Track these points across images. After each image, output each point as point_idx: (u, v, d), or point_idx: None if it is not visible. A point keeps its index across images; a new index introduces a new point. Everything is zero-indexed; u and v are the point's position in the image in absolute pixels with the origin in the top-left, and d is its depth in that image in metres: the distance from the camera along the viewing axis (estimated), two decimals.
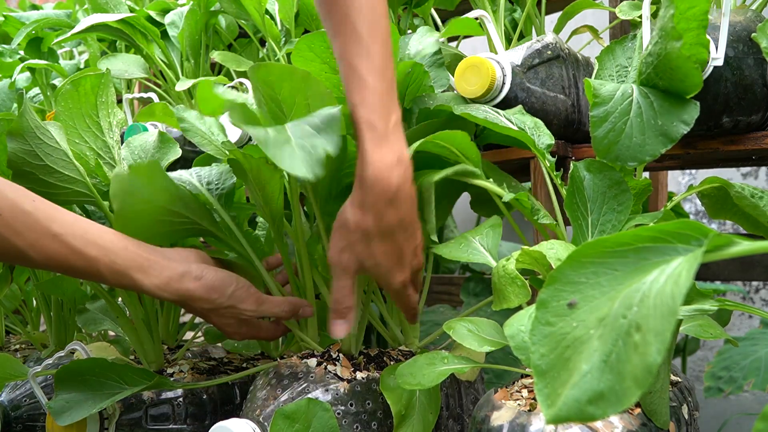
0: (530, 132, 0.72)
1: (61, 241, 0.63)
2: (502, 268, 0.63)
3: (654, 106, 0.63)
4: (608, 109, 0.64)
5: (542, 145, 0.72)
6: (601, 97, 0.64)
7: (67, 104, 0.78)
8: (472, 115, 0.73)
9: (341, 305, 0.69)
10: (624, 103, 0.64)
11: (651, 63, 0.64)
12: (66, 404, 0.70)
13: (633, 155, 0.62)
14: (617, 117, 0.63)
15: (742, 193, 0.68)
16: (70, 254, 0.63)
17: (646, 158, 0.62)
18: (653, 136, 0.62)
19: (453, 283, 1.51)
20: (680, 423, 0.60)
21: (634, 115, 0.63)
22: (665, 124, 0.62)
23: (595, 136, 0.63)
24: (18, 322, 1.13)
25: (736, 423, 1.55)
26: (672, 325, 0.27)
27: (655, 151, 0.62)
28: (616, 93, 0.64)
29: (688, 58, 0.59)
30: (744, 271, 1.33)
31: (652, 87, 0.65)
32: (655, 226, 0.31)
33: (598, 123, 0.63)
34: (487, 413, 0.59)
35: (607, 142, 0.63)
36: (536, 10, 0.98)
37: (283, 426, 0.65)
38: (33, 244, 0.62)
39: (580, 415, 0.29)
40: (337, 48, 0.65)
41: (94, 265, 0.64)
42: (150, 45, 1.12)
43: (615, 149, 0.63)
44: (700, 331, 0.65)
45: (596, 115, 0.64)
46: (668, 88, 0.64)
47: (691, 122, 0.62)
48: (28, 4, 1.64)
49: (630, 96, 0.64)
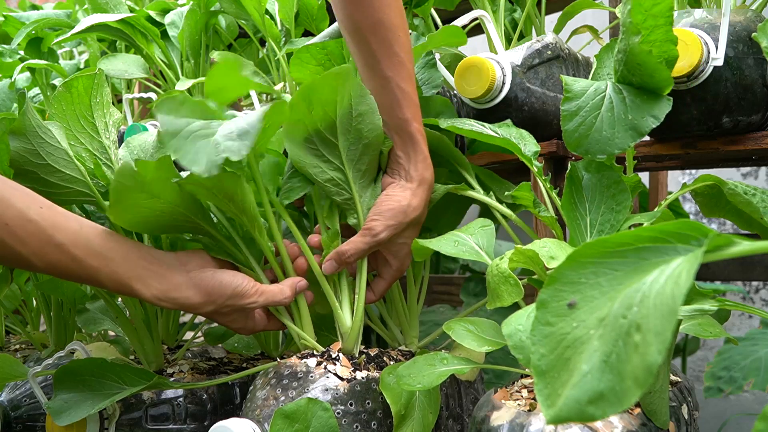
0: (516, 141, 0.75)
1: (64, 251, 0.64)
2: (495, 267, 0.63)
3: (626, 101, 0.65)
4: (579, 103, 0.65)
5: (529, 152, 0.74)
6: (572, 93, 0.66)
7: (61, 106, 0.78)
8: (458, 127, 0.77)
9: (350, 259, 0.76)
10: (596, 98, 0.65)
11: (621, 60, 0.65)
12: (65, 404, 0.70)
13: (602, 148, 0.64)
14: (588, 111, 0.65)
15: (735, 191, 0.68)
16: (72, 263, 0.65)
17: (614, 151, 0.64)
18: (623, 129, 0.64)
19: (453, 283, 1.51)
20: (680, 423, 0.60)
21: (605, 110, 0.65)
22: (635, 119, 0.64)
23: (566, 129, 0.65)
24: (18, 322, 1.13)
25: (736, 423, 1.55)
26: (672, 325, 0.27)
27: (623, 144, 0.63)
28: (589, 89, 0.66)
29: (650, 53, 0.60)
30: (744, 271, 1.33)
31: (627, 84, 0.66)
32: (655, 226, 0.31)
33: (569, 117, 0.65)
34: (486, 413, 0.59)
35: (577, 135, 0.65)
36: (536, 10, 0.98)
37: (283, 426, 0.65)
38: (36, 252, 0.64)
39: (580, 416, 0.29)
40: (379, 71, 0.74)
41: (95, 275, 0.66)
42: (150, 45, 1.12)
43: (585, 142, 0.64)
44: (700, 331, 0.65)
45: (567, 110, 0.65)
46: (642, 85, 0.65)
47: (661, 117, 0.63)
48: (28, 4, 1.64)
49: (603, 92, 0.66)
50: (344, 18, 0.74)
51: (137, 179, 0.66)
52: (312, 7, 1.06)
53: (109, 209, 0.69)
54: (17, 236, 0.63)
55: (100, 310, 0.96)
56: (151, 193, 0.68)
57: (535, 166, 0.72)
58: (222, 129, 0.58)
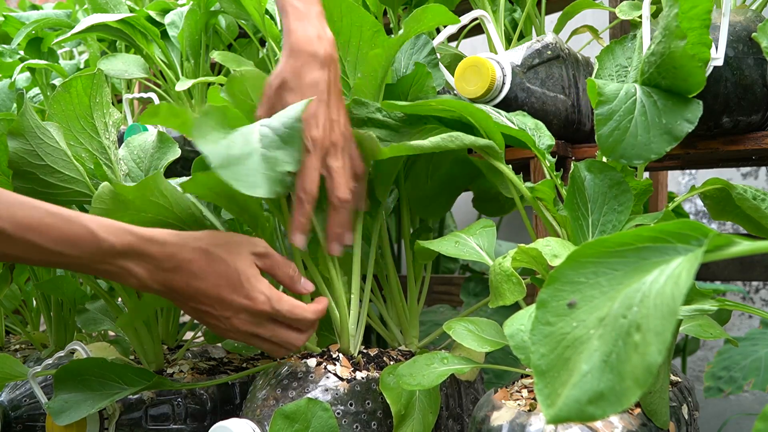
0: (531, 132, 0.72)
1: (37, 206, 0.58)
2: (498, 266, 0.63)
3: (657, 104, 0.63)
4: (612, 107, 0.63)
5: (543, 146, 0.72)
6: (605, 96, 0.64)
7: (60, 107, 0.78)
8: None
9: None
10: (628, 102, 0.64)
11: (654, 62, 0.64)
12: (65, 404, 0.70)
13: (638, 153, 0.62)
14: (622, 115, 0.63)
15: (744, 195, 0.68)
16: (49, 218, 0.58)
17: (651, 156, 0.62)
18: (658, 134, 0.62)
19: (453, 283, 1.51)
20: (680, 423, 0.60)
21: (638, 114, 0.63)
22: (669, 123, 0.62)
23: (600, 134, 0.63)
24: (18, 322, 1.13)
25: (736, 423, 1.55)
26: (672, 325, 0.27)
27: (660, 149, 0.62)
28: (620, 92, 0.64)
29: (692, 57, 0.60)
30: (744, 271, 1.33)
31: (654, 86, 0.65)
32: (656, 226, 0.31)
33: (603, 121, 0.63)
34: (487, 413, 0.59)
35: (612, 140, 0.63)
36: (536, 10, 0.97)
37: (283, 426, 0.65)
38: (3, 215, 0.57)
39: (580, 415, 0.29)
40: None
41: (76, 241, 0.59)
42: (150, 45, 1.12)
43: (620, 148, 0.63)
44: (700, 331, 0.65)
45: (601, 114, 0.63)
46: (671, 88, 0.64)
47: (695, 121, 0.62)
48: (28, 4, 1.64)
49: (633, 95, 0.64)
50: None
51: (119, 200, 0.65)
52: None
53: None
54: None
55: (100, 310, 0.96)
56: (136, 210, 0.68)
57: (548, 161, 0.71)
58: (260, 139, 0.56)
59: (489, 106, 0.78)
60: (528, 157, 0.84)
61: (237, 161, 0.53)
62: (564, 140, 0.86)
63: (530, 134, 0.72)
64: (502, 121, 0.73)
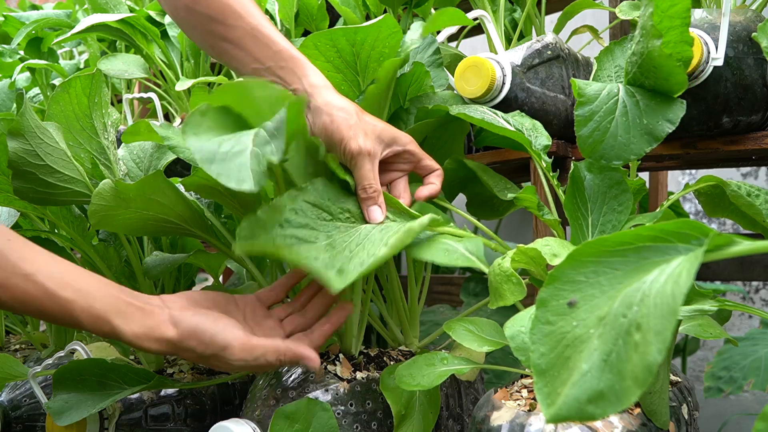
0: (527, 133, 0.72)
1: (33, 281, 0.58)
2: (497, 267, 0.63)
3: (640, 105, 0.63)
4: (593, 108, 0.64)
5: (539, 147, 0.72)
6: (585, 96, 0.64)
7: (59, 107, 0.78)
8: (469, 115, 0.73)
9: (374, 189, 0.69)
10: (610, 102, 0.64)
11: (635, 62, 0.64)
12: (65, 404, 0.70)
13: (618, 154, 0.63)
14: (602, 116, 0.63)
15: (738, 192, 0.68)
16: (43, 296, 0.58)
17: (630, 157, 0.62)
18: (638, 135, 0.62)
19: (453, 283, 1.51)
20: (680, 423, 0.60)
21: (619, 114, 0.63)
22: (650, 123, 0.63)
23: (580, 135, 0.64)
24: (18, 322, 1.13)
25: (736, 423, 1.55)
26: (672, 324, 0.27)
27: (639, 150, 0.62)
28: (602, 92, 0.65)
29: (670, 56, 0.60)
30: (744, 271, 1.33)
31: (639, 86, 0.65)
32: (656, 225, 0.31)
33: (583, 122, 0.64)
34: (486, 413, 0.59)
35: (592, 140, 0.63)
36: (536, 10, 0.98)
37: (283, 426, 0.65)
38: (2, 284, 0.57)
39: (580, 415, 0.29)
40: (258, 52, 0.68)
41: (68, 309, 0.59)
42: (150, 45, 1.12)
43: (600, 148, 0.63)
44: (700, 331, 0.65)
45: (581, 114, 0.64)
46: (654, 87, 0.64)
47: (677, 121, 0.62)
48: (28, 4, 1.64)
49: (616, 95, 0.65)
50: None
51: (120, 198, 0.65)
52: (312, 7, 1.06)
53: (91, 224, 0.69)
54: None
55: None
56: (137, 208, 0.68)
57: (544, 161, 0.70)
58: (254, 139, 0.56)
59: (486, 107, 0.78)
60: (527, 157, 0.84)
61: (224, 157, 0.54)
62: (564, 140, 0.86)
63: (526, 135, 0.72)
64: (498, 122, 0.73)
